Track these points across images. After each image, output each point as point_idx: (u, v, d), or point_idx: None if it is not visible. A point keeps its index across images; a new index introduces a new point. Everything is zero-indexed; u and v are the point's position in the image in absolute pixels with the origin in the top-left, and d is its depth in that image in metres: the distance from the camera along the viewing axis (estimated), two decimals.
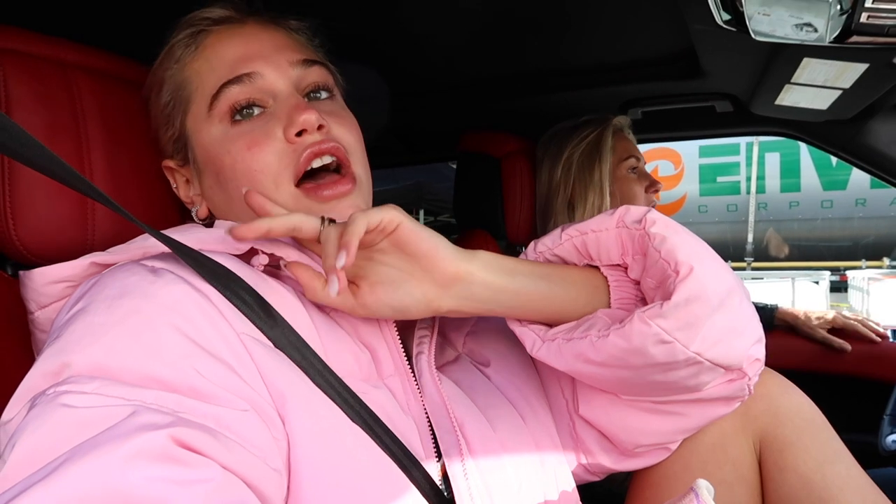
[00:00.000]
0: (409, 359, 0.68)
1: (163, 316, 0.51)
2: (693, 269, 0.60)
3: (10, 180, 0.62)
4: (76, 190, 0.52)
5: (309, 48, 0.76)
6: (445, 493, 0.59)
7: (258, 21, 0.74)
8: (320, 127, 0.68)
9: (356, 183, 0.71)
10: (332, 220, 0.60)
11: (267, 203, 0.62)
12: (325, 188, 0.68)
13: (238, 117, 0.68)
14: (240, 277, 0.57)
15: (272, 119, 0.68)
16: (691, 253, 0.61)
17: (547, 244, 0.72)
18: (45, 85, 0.66)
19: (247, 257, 0.63)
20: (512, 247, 1.65)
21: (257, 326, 0.56)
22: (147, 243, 0.59)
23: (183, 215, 0.79)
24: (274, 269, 0.65)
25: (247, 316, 0.56)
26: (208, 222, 0.74)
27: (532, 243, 0.74)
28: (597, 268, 0.70)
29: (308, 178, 0.69)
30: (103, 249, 0.64)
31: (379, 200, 0.77)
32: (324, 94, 0.74)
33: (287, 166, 0.67)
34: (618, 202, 1.46)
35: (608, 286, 0.69)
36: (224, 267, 0.57)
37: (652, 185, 1.49)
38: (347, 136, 0.72)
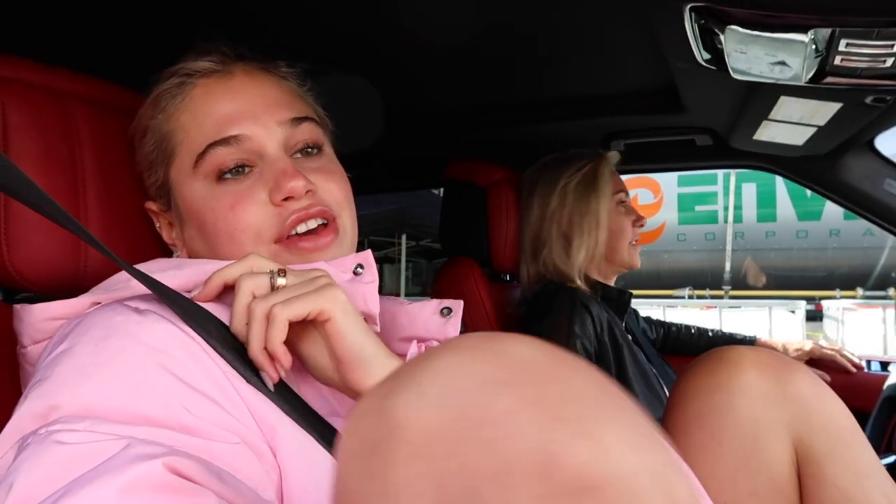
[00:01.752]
0: None
1: (149, 356, 0.51)
2: None
3: (5, 207, 0.63)
4: (68, 229, 0.53)
5: (297, 98, 0.75)
6: None
7: (246, 70, 0.72)
8: (308, 191, 0.68)
9: (338, 234, 0.71)
10: (281, 272, 0.58)
11: (216, 278, 0.60)
12: (305, 240, 0.68)
13: (226, 176, 0.68)
14: (218, 323, 0.57)
15: (259, 180, 0.68)
16: None
17: None
18: (42, 114, 0.66)
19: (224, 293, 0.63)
20: (497, 274, 1.66)
21: (234, 369, 0.56)
22: (131, 285, 0.59)
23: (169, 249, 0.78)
24: None
25: (225, 359, 0.56)
26: None
27: None
28: None
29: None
30: (95, 277, 0.65)
31: (361, 225, 0.78)
32: (313, 151, 0.73)
33: (269, 227, 0.67)
34: (611, 235, 1.49)
35: None
36: (204, 311, 0.57)
37: (638, 219, 1.52)
38: (336, 194, 0.72)
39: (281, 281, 0.58)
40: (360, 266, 0.67)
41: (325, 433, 0.58)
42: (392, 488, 0.31)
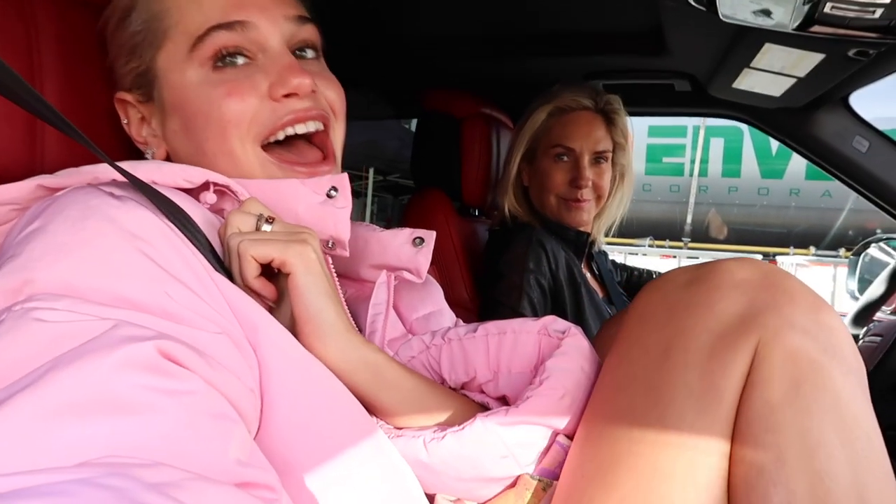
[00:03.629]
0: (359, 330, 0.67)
1: (129, 241, 0.49)
2: None
3: None
4: (41, 117, 0.50)
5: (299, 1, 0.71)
6: None
7: None
8: (312, 91, 0.65)
9: (334, 165, 0.69)
10: (269, 220, 0.58)
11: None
12: (301, 165, 0.66)
13: (220, 64, 0.64)
14: (192, 219, 0.56)
15: (259, 72, 0.64)
16: None
17: (459, 333, 0.71)
18: None
19: (196, 193, 0.61)
20: (466, 208, 1.66)
21: (212, 264, 0.55)
22: (97, 170, 0.56)
23: (131, 153, 0.75)
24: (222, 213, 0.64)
25: (203, 254, 0.55)
26: None
27: (446, 330, 0.73)
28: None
29: (278, 143, 0.66)
30: (53, 169, 0.62)
31: None
32: (311, 53, 0.70)
33: (261, 123, 0.64)
34: (537, 184, 1.49)
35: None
36: (179, 207, 0.55)
37: (576, 178, 1.43)
38: (335, 102, 0.69)
39: (266, 227, 0.58)
40: (335, 189, 0.65)
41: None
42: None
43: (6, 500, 0.27)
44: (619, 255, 8.26)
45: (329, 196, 0.65)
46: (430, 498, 0.61)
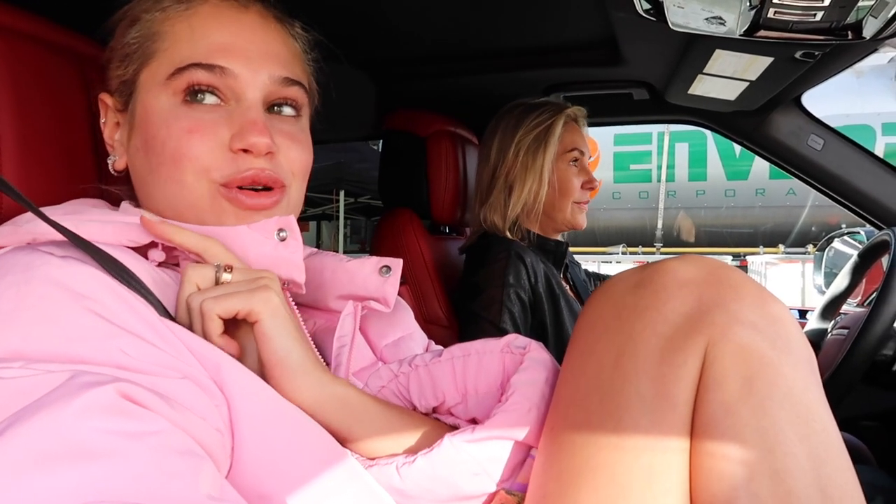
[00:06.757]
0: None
1: (77, 301, 0.49)
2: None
3: None
4: None
5: (298, 61, 0.72)
6: None
7: (262, 13, 0.69)
8: (269, 153, 0.65)
9: (280, 203, 0.67)
10: (227, 268, 0.58)
11: (168, 231, 0.60)
12: (246, 194, 0.65)
13: (191, 98, 0.64)
14: (138, 277, 0.55)
15: (225, 118, 0.64)
16: None
17: (426, 359, 0.71)
18: None
19: (143, 249, 0.61)
20: (436, 226, 1.67)
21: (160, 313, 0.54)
22: (38, 229, 0.55)
23: (98, 177, 0.74)
24: (172, 265, 0.64)
25: (154, 306, 0.54)
26: (121, 175, 0.71)
27: (413, 357, 0.72)
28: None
29: None
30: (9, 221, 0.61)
31: None
32: (288, 111, 0.70)
33: (217, 168, 0.63)
34: (554, 191, 1.48)
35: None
36: (122, 265, 0.55)
37: (589, 181, 1.51)
38: (295, 164, 0.68)
39: (226, 276, 0.58)
40: (283, 230, 0.65)
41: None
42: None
43: None
44: (594, 263, 8.33)
45: (281, 238, 0.65)
46: None
